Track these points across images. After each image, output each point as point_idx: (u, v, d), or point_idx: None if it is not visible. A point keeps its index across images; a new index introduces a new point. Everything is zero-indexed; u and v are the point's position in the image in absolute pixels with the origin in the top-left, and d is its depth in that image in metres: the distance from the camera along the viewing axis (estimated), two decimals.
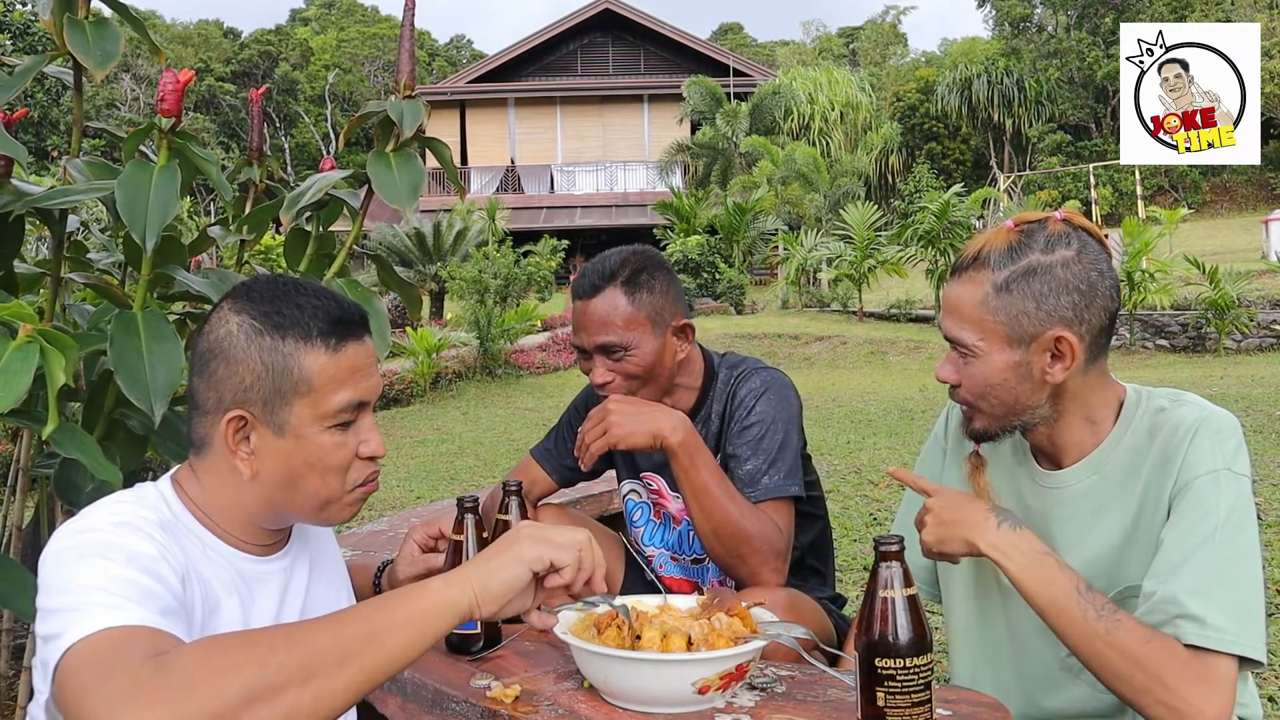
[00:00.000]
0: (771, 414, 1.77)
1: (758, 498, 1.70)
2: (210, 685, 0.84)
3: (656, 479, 1.92)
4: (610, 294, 1.73)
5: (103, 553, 0.99)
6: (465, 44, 58.67)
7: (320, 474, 1.14)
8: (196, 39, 43.86)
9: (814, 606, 1.69)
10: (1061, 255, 1.27)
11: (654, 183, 28.11)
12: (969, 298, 1.30)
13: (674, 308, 1.77)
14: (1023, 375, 1.29)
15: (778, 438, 1.75)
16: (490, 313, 13.26)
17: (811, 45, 46.25)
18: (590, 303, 1.73)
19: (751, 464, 1.73)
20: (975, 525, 1.27)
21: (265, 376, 1.11)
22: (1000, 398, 1.31)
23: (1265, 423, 6.36)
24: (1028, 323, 1.27)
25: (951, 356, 1.35)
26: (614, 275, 1.73)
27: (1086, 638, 1.19)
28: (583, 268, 1.80)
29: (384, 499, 6.01)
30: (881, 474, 5.60)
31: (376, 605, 0.98)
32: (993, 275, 1.28)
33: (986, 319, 1.28)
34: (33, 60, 1.56)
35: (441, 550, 1.48)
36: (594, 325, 1.73)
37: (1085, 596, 1.20)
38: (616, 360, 1.73)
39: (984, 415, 1.34)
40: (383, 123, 1.63)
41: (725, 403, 1.83)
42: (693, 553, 1.89)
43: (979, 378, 1.31)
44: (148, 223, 1.39)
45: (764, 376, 1.83)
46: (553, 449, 1.98)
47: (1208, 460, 1.24)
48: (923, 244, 14.96)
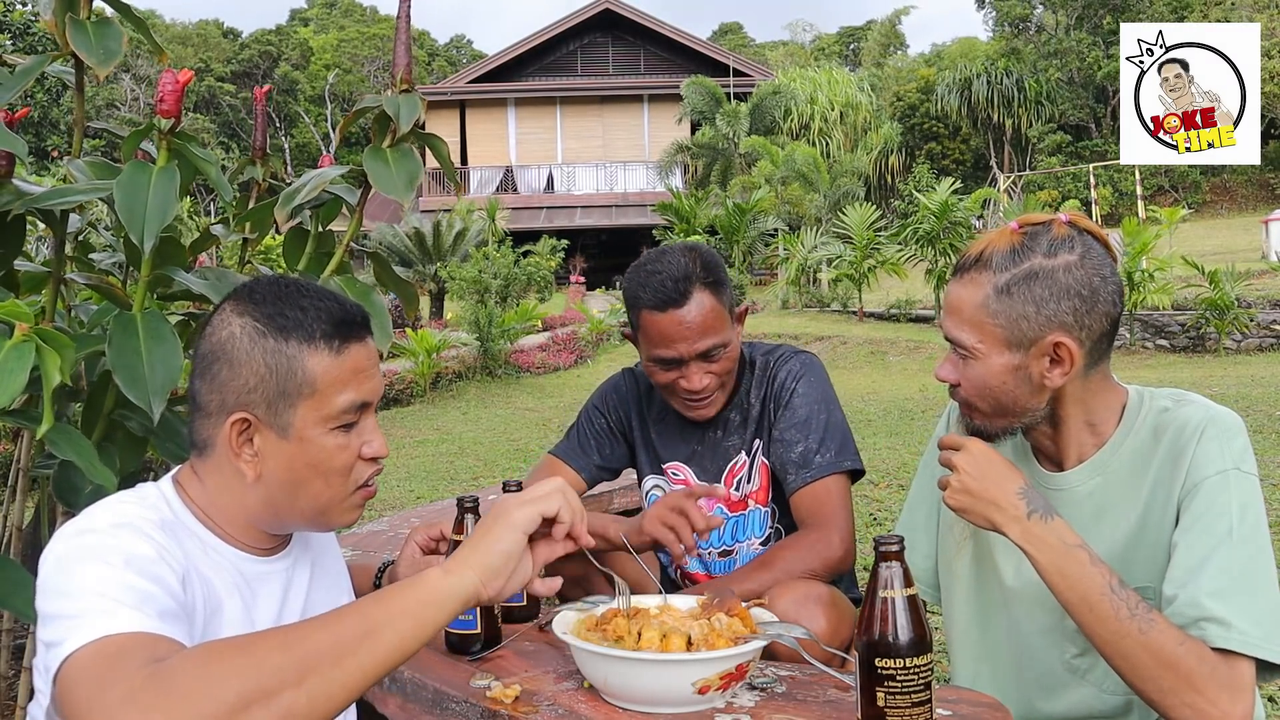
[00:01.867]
0: (815, 394, 1.81)
1: (813, 477, 1.74)
2: (205, 691, 0.85)
3: (683, 469, 1.91)
4: (700, 297, 1.69)
5: (101, 556, 0.99)
6: (465, 44, 58.66)
7: (324, 476, 1.14)
8: (196, 39, 43.85)
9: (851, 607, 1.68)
10: (1064, 260, 1.26)
11: (654, 183, 28.10)
12: (969, 299, 1.30)
13: (735, 295, 1.80)
14: (1021, 379, 1.29)
15: (823, 417, 1.78)
16: (490, 313, 13.26)
17: (810, 46, 46.26)
18: (683, 310, 1.68)
19: (803, 446, 1.77)
20: (1003, 509, 1.25)
21: (269, 379, 1.11)
22: (998, 399, 1.31)
23: (1265, 423, 6.36)
24: (1027, 327, 1.27)
25: (951, 356, 1.35)
26: (693, 277, 1.70)
27: (1117, 636, 1.17)
28: (643, 278, 1.72)
29: (384, 499, 6.01)
30: (882, 474, 5.60)
31: (373, 600, 0.98)
32: (994, 278, 1.27)
33: (986, 321, 1.28)
34: (35, 60, 1.56)
35: (442, 551, 1.48)
36: (693, 332, 1.69)
37: (1118, 594, 1.19)
38: (714, 359, 1.73)
39: (981, 415, 1.34)
40: (379, 118, 1.62)
41: (766, 386, 1.84)
42: (721, 544, 1.88)
43: (977, 379, 1.31)
44: (146, 223, 1.39)
45: (802, 359, 1.87)
46: (577, 448, 1.96)
47: (1216, 460, 1.24)
48: (923, 244, 14.95)
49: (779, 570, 1.65)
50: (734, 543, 1.87)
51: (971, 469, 1.27)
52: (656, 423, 1.94)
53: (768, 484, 1.85)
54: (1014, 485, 1.26)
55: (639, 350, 1.81)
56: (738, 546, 1.87)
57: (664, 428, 1.94)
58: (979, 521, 1.27)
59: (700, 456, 1.89)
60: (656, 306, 1.70)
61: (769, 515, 1.86)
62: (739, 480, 1.86)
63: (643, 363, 1.81)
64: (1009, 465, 1.29)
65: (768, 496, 1.85)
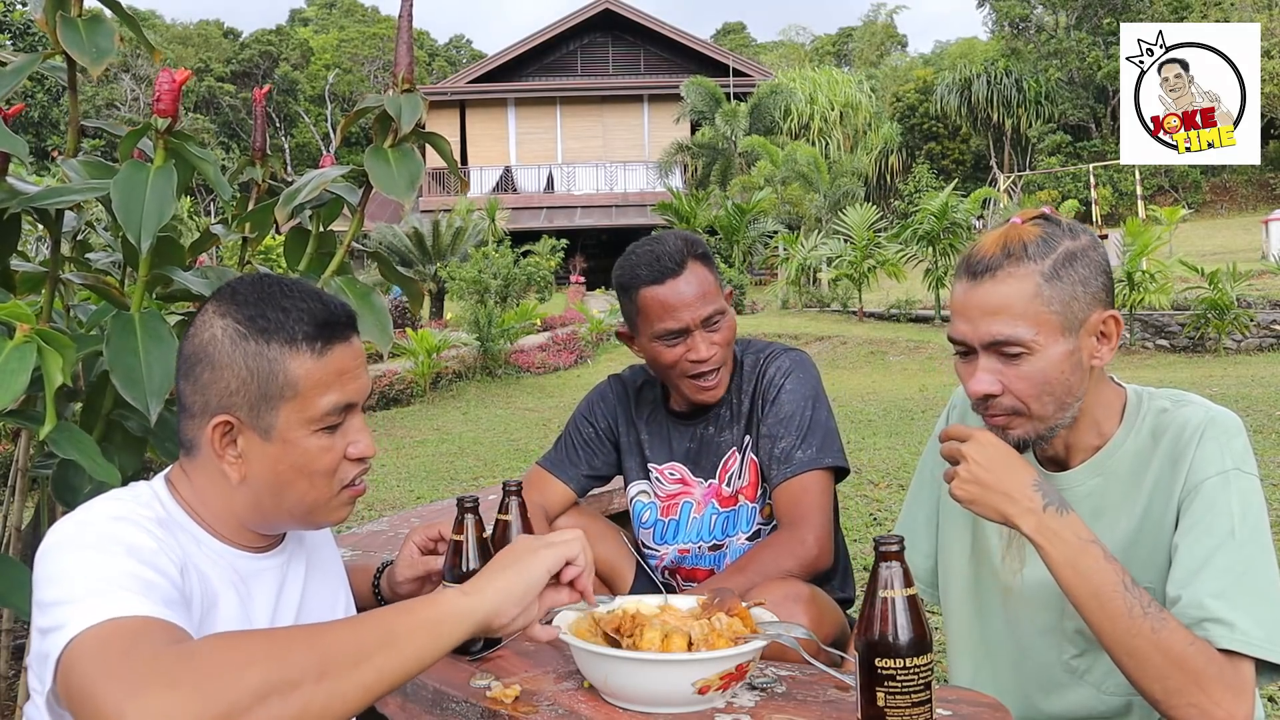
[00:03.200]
0: (802, 391, 1.83)
1: (793, 472, 1.76)
2: (230, 674, 0.85)
3: (679, 468, 1.92)
4: (695, 267, 1.76)
5: (101, 546, 0.99)
6: (465, 44, 58.68)
7: (308, 478, 1.13)
8: (196, 39, 43.85)
9: (832, 604, 1.69)
10: (1085, 239, 1.28)
11: (654, 183, 28.12)
12: (1018, 293, 1.24)
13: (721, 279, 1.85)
14: (1075, 364, 1.26)
15: (808, 414, 1.81)
16: (490, 313, 13.27)
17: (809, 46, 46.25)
18: (681, 278, 1.75)
19: (786, 441, 1.79)
20: (1017, 501, 1.21)
21: (250, 381, 1.10)
22: (1055, 393, 1.25)
23: (1265, 423, 6.36)
24: (1078, 308, 1.24)
25: (988, 365, 1.26)
26: (686, 251, 1.76)
27: (1129, 635, 1.16)
28: (640, 256, 1.78)
29: (384, 499, 6.01)
30: (882, 474, 5.60)
31: (395, 610, 1.00)
32: (1038, 265, 1.24)
33: (1041, 310, 1.23)
34: (26, 58, 1.55)
35: (441, 552, 1.47)
36: (694, 298, 1.74)
37: (1131, 591, 1.17)
38: (714, 329, 1.77)
39: (1031, 420, 1.27)
40: (380, 118, 1.62)
41: (755, 382, 1.86)
42: (712, 539, 1.89)
43: (1037, 375, 1.24)
44: (143, 223, 1.38)
45: (791, 357, 1.89)
46: (565, 460, 1.96)
47: (1216, 461, 1.24)
48: (923, 244, 14.96)
49: (754, 573, 1.65)
50: (724, 537, 1.88)
51: (982, 459, 1.23)
52: (647, 425, 1.95)
53: (756, 480, 1.86)
54: (1028, 477, 1.22)
55: (638, 338, 1.83)
56: (727, 541, 1.88)
57: (654, 429, 1.95)
58: (988, 513, 1.23)
59: (695, 454, 1.90)
60: (655, 280, 1.75)
61: (756, 511, 1.87)
62: (730, 476, 1.87)
63: (646, 347, 1.81)
64: (1020, 458, 1.25)
65: (756, 492, 1.86)
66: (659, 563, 1.94)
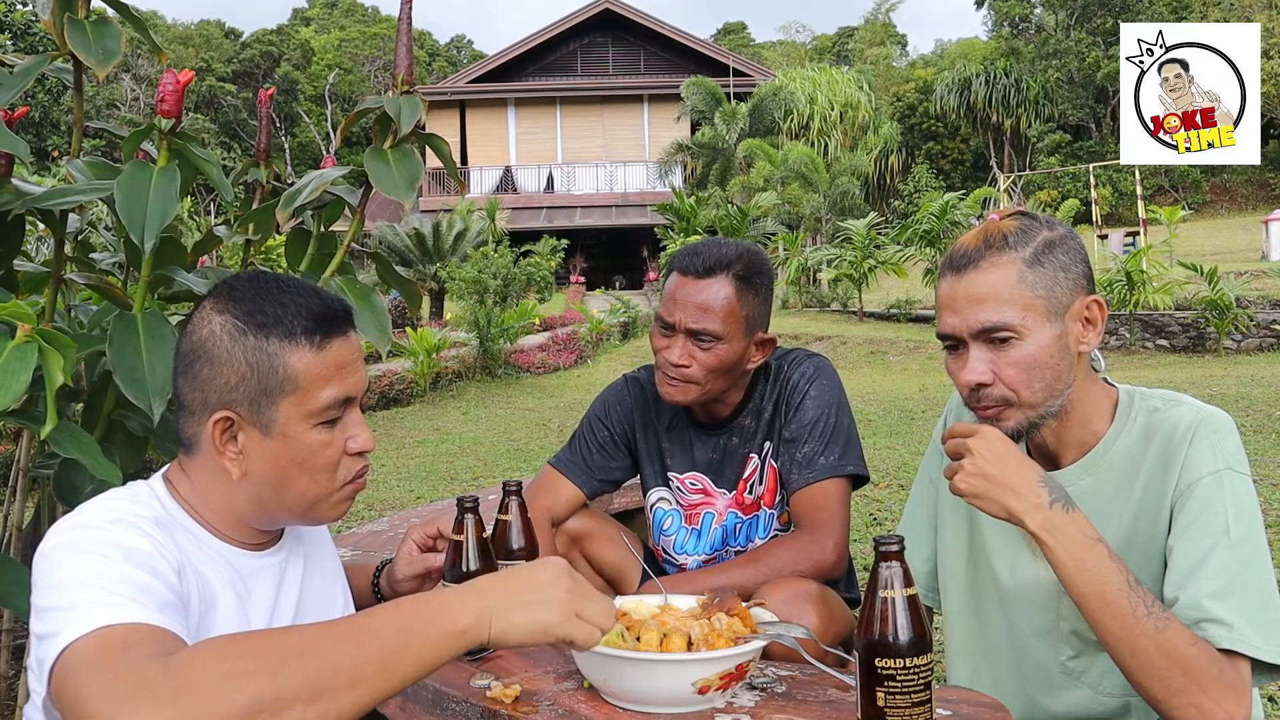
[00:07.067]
0: (826, 398, 1.81)
1: (815, 478, 1.74)
2: (219, 691, 0.84)
3: (701, 478, 1.90)
4: (722, 281, 1.72)
5: (99, 549, 0.99)
6: (465, 44, 58.68)
7: (309, 473, 1.13)
8: (198, 39, 43.86)
9: (841, 604, 1.68)
10: (1061, 230, 1.31)
11: (654, 183, 28.12)
12: (1001, 280, 1.26)
13: (766, 319, 1.79)
14: (1063, 349, 1.27)
15: (831, 420, 1.78)
16: (490, 313, 13.27)
17: (809, 45, 46.24)
18: (699, 283, 1.72)
19: (808, 447, 1.77)
20: (1023, 496, 1.20)
21: (250, 377, 1.10)
22: (1045, 379, 1.27)
23: (1265, 423, 6.36)
24: (1061, 293, 1.27)
25: (978, 354, 1.28)
26: (730, 265, 1.72)
27: (1132, 634, 1.15)
28: (694, 246, 1.78)
29: (384, 499, 6.01)
30: (882, 474, 5.60)
31: (393, 626, 0.96)
32: (1019, 253, 1.27)
33: (1026, 295, 1.26)
34: (34, 60, 1.55)
35: (440, 550, 1.48)
36: (695, 307, 1.71)
37: (1136, 591, 1.16)
38: (703, 347, 1.72)
39: (1022, 408, 1.28)
40: (380, 119, 1.62)
41: (779, 389, 1.84)
42: (737, 544, 1.87)
43: (1026, 360, 1.26)
44: (146, 224, 1.39)
45: (815, 362, 1.87)
46: (580, 461, 1.92)
47: (1208, 461, 1.24)
48: (923, 243, 14.97)
49: (766, 567, 1.64)
50: (745, 543, 1.86)
51: (988, 453, 1.23)
52: (668, 433, 1.92)
53: (775, 486, 1.84)
54: (1034, 473, 1.22)
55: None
56: (749, 548, 1.86)
57: (675, 437, 1.92)
58: (992, 509, 1.23)
59: (718, 465, 1.88)
60: (681, 270, 1.75)
61: (774, 517, 1.86)
62: (750, 484, 1.86)
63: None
64: (1025, 455, 1.25)
65: (774, 499, 1.85)
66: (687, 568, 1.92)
